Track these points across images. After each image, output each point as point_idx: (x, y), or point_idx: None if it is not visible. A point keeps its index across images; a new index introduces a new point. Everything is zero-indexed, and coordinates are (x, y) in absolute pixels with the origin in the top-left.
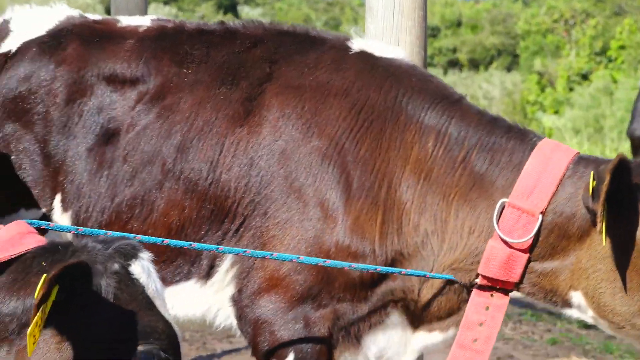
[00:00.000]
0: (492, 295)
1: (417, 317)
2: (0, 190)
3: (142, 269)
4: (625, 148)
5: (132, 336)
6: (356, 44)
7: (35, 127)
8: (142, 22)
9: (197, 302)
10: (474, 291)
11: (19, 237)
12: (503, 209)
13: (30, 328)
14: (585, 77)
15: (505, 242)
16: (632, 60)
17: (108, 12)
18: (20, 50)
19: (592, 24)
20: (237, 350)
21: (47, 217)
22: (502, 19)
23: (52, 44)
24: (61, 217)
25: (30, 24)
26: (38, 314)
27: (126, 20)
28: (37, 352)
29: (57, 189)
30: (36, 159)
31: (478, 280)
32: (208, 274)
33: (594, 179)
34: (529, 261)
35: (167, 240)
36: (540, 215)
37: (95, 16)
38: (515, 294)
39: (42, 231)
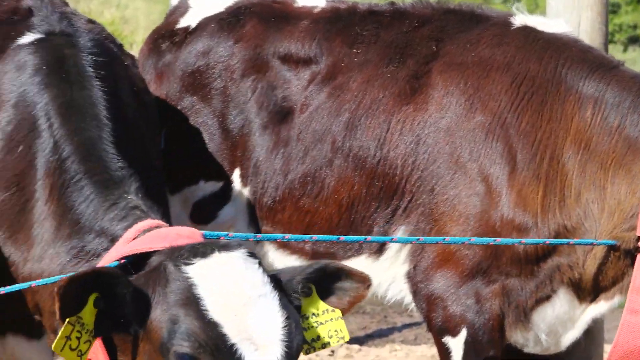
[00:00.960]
0: None
1: (583, 289)
2: (180, 163)
3: (207, 268)
4: None
5: (169, 336)
6: (518, 20)
7: (213, 102)
8: (317, 2)
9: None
10: (639, 255)
11: (176, 237)
12: None
13: (55, 341)
14: None
15: None
16: None
17: None
18: (200, 26)
19: None
20: (417, 324)
21: (225, 190)
22: None
23: (231, 20)
24: (241, 192)
25: (209, 1)
26: (64, 327)
27: (303, 1)
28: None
29: (236, 164)
30: (214, 133)
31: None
32: (379, 250)
33: None
34: None
35: (315, 237)
36: None
37: None
38: None
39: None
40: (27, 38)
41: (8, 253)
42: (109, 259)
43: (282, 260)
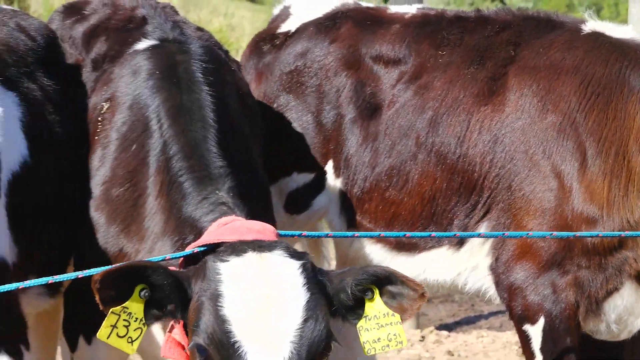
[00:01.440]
0: None
1: None
2: (275, 156)
3: (237, 267)
4: None
5: (195, 325)
6: (589, 26)
7: (308, 98)
8: (409, 9)
9: (448, 268)
10: None
11: (246, 231)
12: None
13: (100, 329)
14: None
15: None
16: None
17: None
18: (299, 30)
19: None
20: (502, 312)
21: (318, 181)
22: None
23: (328, 24)
24: (334, 183)
25: (309, 8)
26: (108, 317)
27: (395, 8)
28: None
29: (329, 156)
30: (308, 128)
31: None
32: (460, 243)
33: None
34: None
35: (382, 234)
36: None
37: (367, 4)
38: None
39: None
40: (143, 44)
41: (121, 245)
42: (189, 249)
43: (369, 248)
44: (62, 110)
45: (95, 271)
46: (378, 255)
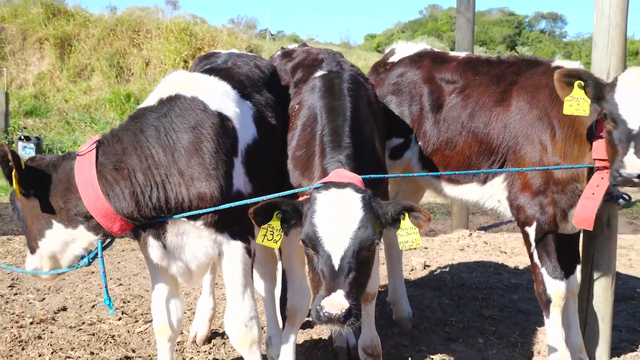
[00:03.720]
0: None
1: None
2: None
3: (325, 196)
4: None
5: (302, 230)
6: (555, 62)
7: (402, 98)
8: (460, 54)
9: (476, 194)
10: (596, 172)
11: (343, 177)
12: None
13: (257, 238)
14: None
15: None
16: None
17: (452, 49)
18: (399, 61)
19: None
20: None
21: (406, 143)
22: None
23: (416, 59)
24: (416, 145)
25: (406, 50)
26: (261, 230)
27: (453, 53)
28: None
29: (413, 130)
30: (402, 114)
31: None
32: (484, 181)
33: None
34: None
35: (443, 173)
36: None
37: (439, 51)
38: None
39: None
40: (318, 73)
41: (300, 182)
42: (315, 184)
43: (433, 180)
44: (276, 111)
45: (274, 196)
46: (438, 184)
